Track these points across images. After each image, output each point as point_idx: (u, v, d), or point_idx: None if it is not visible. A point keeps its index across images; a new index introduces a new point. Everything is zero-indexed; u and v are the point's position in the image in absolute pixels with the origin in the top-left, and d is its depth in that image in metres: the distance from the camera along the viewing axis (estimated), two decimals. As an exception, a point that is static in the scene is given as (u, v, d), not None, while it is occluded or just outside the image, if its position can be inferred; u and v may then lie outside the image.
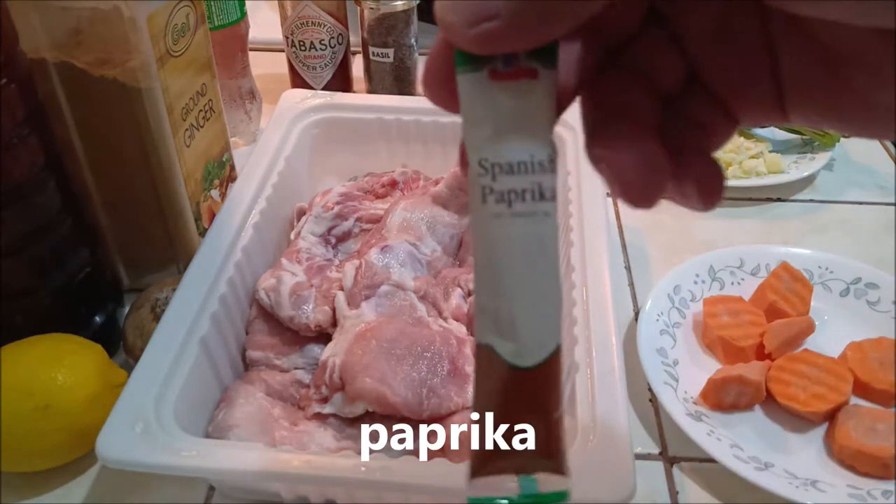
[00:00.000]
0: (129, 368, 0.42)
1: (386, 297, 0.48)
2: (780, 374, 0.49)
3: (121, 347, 0.50)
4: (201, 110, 0.55)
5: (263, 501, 0.44)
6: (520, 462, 0.20)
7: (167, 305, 0.44)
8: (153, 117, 0.49)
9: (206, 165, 0.57)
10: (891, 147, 0.78)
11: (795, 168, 0.70)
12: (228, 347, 0.47)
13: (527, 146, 0.19)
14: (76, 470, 0.46)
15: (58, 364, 0.43)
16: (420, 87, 0.78)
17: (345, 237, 0.56)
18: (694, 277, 0.57)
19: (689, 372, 0.51)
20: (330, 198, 0.56)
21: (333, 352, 0.45)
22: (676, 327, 0.54)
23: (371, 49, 0.73)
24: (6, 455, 0.42)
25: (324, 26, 0.72)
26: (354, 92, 0.78)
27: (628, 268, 0.62)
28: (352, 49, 0.76)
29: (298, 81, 0.75)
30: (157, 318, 0.47)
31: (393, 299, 0.48)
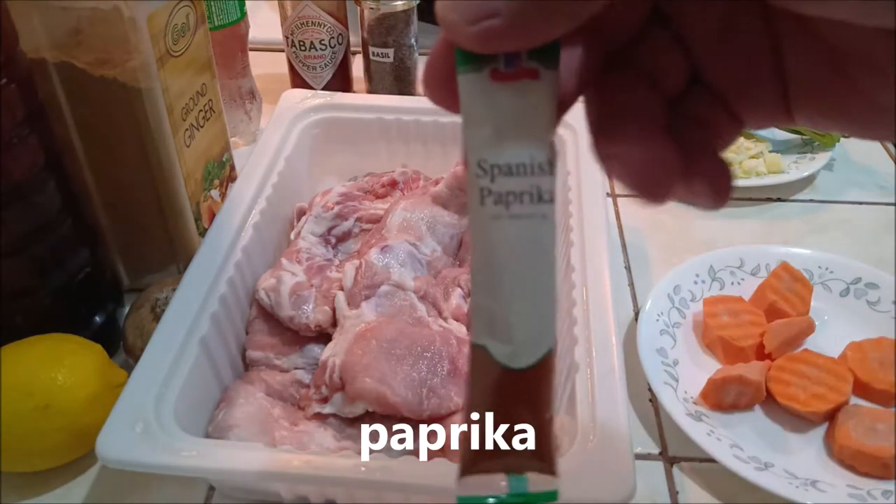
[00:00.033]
0: (129, 368, 0.42)
1: (386, 297, 0.48)
2: (780, 374, 0.49)
3: (121, 347, 0.50)
4: (201, 110, 0.55)
5: (263, 501, 0.44)
6: (510, 461, 0.20)
7: (167, 305, 0.44)
8: (153, 117, 0.49)
9: (206, 165, 0.57)
10: (891, 147, 0.78)
11: (795, 168, 0.70)
12: (228, 347, 0.47)
13: (526, 148, 0.19)
14: (76, 470, 0.46)
15: (58, 364, 0.43)
16: (420, 87, 0.78)
17: (345, 237, 0.56)
18: (694, 277, 0.57)
19: (689, 372, 0.51)
20: (330, 198, 0.56)
21: (333, 352, 0.45)
22: (676, 327, 0.54)
23: (371, 49, 0.73)
24: (6, 455, 0.42)
25: (324, 26, 0.72)
26: (354, 92, 0.78)
27: (628, 268, 0.62)
28: (352, 49, 0.76)
29: (298, 81, 0.75)
30: (157, 318, 0.47)
31: (393, 299, 0.48)
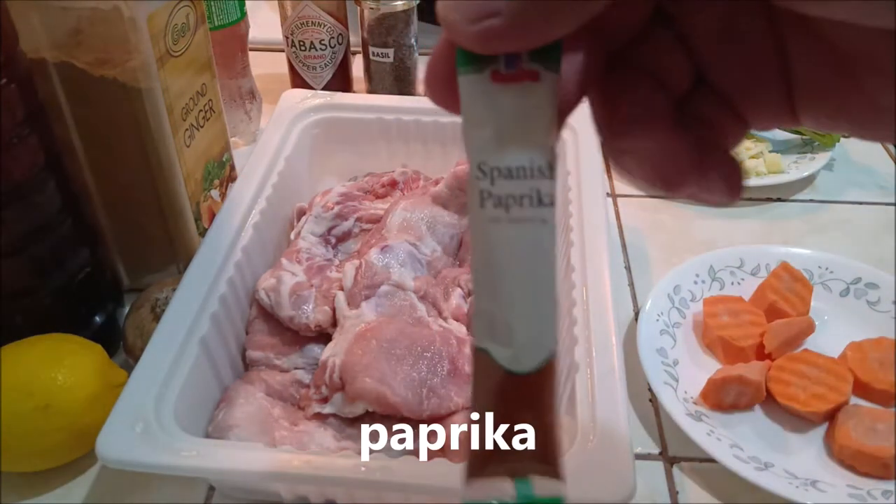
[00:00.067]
0: (129, 368, 0.42)
1: (386, 297, 0.48)
2: (780, 374, 0.49)
3: (121, 347, 0.50)
4: (201, 110, 0.55)
5: (263, 501, 0.44)
6: (516, 466, 0.19)
7: (167, 305, 0.44)
8: (153, 117, 0.49)
9: (206, 165, 0.57)
10: (891, 147, 0.78)
11: (795, 168, 0.70)
12: (228, 347, 0.47)
13: (527, 151, 0.19)
14: (76, 470, 0.46)
15: (58, 364, 0.43)
16: (420, 87, 0.78)
17: (345, 237, 0.56)
18: (694, 277, 0.57)
19: (689, 372, 0.51)
20: (330, 198, 0.56)
21: (333, 352, 0.45)
22: (676, 327, 0.54)
23: (371, 49, 0.73)
24: (6, 455, 0.42)
25: (324, 26, 0.72)
26: (354, 92, 0.78)
27: (628, 268, 0.62)
28: (352, 49, 0.76)
29: (298, 81, 0.75)
30: (157, 318, 0.47)
31: (393, 299, 0.48)
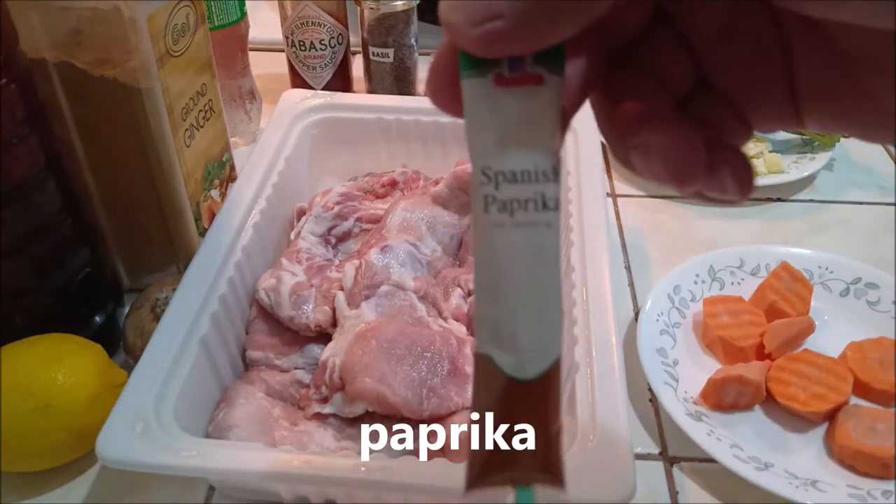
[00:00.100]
0: (129, 368, 0.42)
1: (386, 297, 0.48)
2: (780, 374, 0.49)
3: (121, 347, 0.50)
4: (201, 110, 0.55)
5: (263, 501, 0.44)
6: (517, 474, 0.19)
7: (167, 305, 0.44)
8: (153, 117, 0.49)
9: (206, 165, 0.57)
10: (891, 147, 0.78)
11: (795, 168, 0.70)
12: (228, 347, 0.47)
13: (531, 155, 0.19)
14: (76, 470, 0.46)
15: (58, 364, 0.43)
16: (420, 87, 0.78)
17: (345, 237, 0.56)
18: (694, 277, 0.57)
19: (689, 372, 0.51)
20: (330, 198, 0.56)
21: (333, 352, 0.45)
22: (676, 327, 0.54)
23: (371, 49, 0.73)
24: (6, 455, 0.42)
25: (324, 26, 0.72)
26: (354, 92, 0.78)
27: (628, 268, 0.62)
28: (352, 49, 0.76)
29: (298, 81, 0.75)
30: (157, 318, 0.47)
31: (393, 299, 0.48)
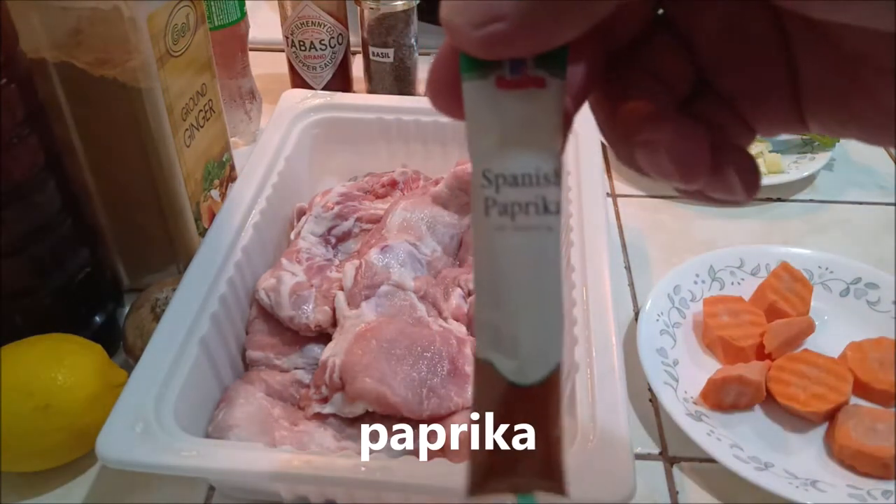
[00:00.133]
0: (129, 368, 0.42)
1: (386, 297, 0.48)
2: (780, 374, 0.49)
3: (121, 347, 0.50)
4: (201, 110, 0.55)
5: (263, 501, 0.44)
6: (519, 480, 0.19)
7: (167, 305, 0.44)
8: (153, 117, 0.49)
9: (206, 165, 0.57)
10: (891, 148, 0.78)
11: (795, 168, 0.70)
12: (228, 347, 0.47)
13: (532, 158, 0.18)
14: (76, 470, 0.46)
15: (58, 364, 0.43)
16: (420, 87, 0.78)
17: (345, 237, 0.56)
18: (694, 277, 0.57)
19: (689, 372, 0.51)
20: (330, 198, 0.56)
21: (333, 352, 0.45)
22: (676, 327, 0.54)
23: (371, 49, 0.73)
24: (6, 455, 0.42)
25: (324, 26, 0.72)
26: (354, 92, 0.78)
27: (628, 268, 0.62)
28: (352, 49, 0.76)
29: (298, 81, 0.75)
30: (157, 318, 0.47)
31: (393, 299, 0.48)
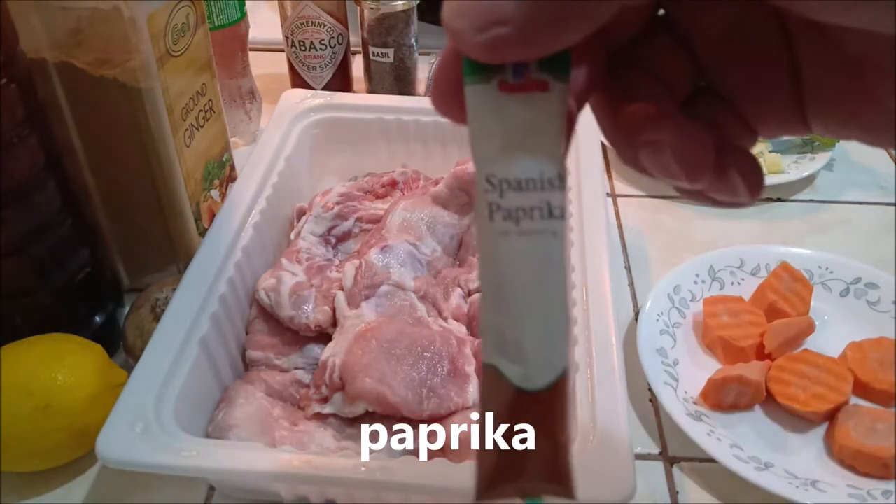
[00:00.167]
0: (129, 368, 0.42)
1: (386, 297, 0.48)
2: (780, 374, 0.49)
3: (121, 347, 0.50)
4: (201, 110, 0.55)
5: (263, 501, 0.44)
6: (526, 485, 0.19)
7: (167, 305, 0.44)
8: (153, 117, 0.49)
9: (206, 165, 0.57)
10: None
11: (795, 168, 0.70)
12: (228, 347, 0.47)
13: (536, 162, 0.18)
14: (76, 470, 0.46)
15: (58, 364, 0.43)
16: (420, 87, 0.78)
17: (345, 237, 0.56)
18: (694, 277, 0.57)
19: (689, 372, 0.51)
20: (330, 198, 0.56)
21: (333, 352, 0.45)
22: (676, 327, 0.54)
23: (371, 49, 0.73)
24: (6, 455, 0.42)
25: (324, 26, 0.72)
26: (354, 92, 0.78)
27: (628, 268, 0.62)
28: (352, 49, 0.76)
29: (298, 81, 0.75)
30: (157, 318, 0.47)
31: (393, 299, 0.48)
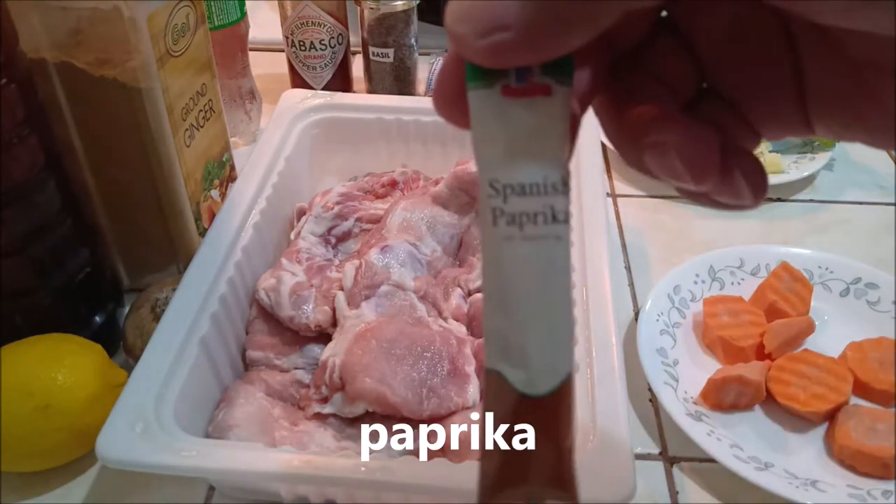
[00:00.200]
0: (129, 368, 0.42)
1: (386, 297, 0.48)
2: (780, 374, 0.49)
3: (121, 347, 0.50)
4: (201, 110, 0.55)
5: (263, 501, 0.44)
6: (531, 490, 0.19)
7: (167, 305, 0.44)
8: (153, 117, 0.49)
9: (206, 165, 0.57)
10: (891, 147, 0.78)
11: (795, 168, 0.70)
12: (228, 347, 0.47)
13: (539, 167, 0.18)
14: (76, 470, 0.46)
15: (58, 364, 0.43)
16: (420, 87, 0.78)
17: (345, 237, 0.56)
18: (694, 277, 0.57)
19: (689, 372, 0.51)
20: (330, 198, 0.56)
21: (333, 352, 0.45)
22: (676, 327, 0.54)
23: (371, 49, 0.73)
24: (6, 455, 0.42)
25: (324, 26, 0.72)
26: (354, 92, 0.78)
27: (628, 268, 0.62)
28: (352, 49, 0.76)
29: (298, 81, 0.75)
30: (157, 318, 0.47)
31: (393, 299, 0.48)
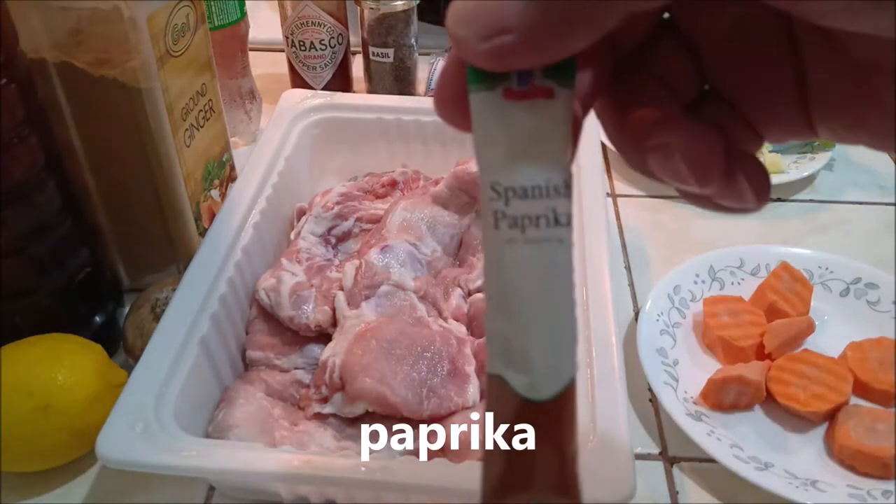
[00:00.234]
0: (129, 368, 0.42)
1: (386, 297, 0.48)
2: (780, 374, 0.49)
3: (121, 347, 0.50)
4: (201, 110, 0.55)
5: (263, 501, 0.44)
6: (534, 496, 0.19)
7: (167, 305, 0.44)
8: (153, 117, 0.49)
9: (206, 165, 0.57)
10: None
11: (795, 168, 0.70)
12: (228, 347, 0.47)
13: (541, 170, 0.18)
14: (76, 470, 0.46)
15: (58, 364, 0.43)
16: (420, 87, 0.78)
17: (345, 237, 0.56)
18: (694, 277, 0.57)
19: (689, 372, 0.51)
20: (330, 198, 0.56)
21: (333, 352, 0.45)
22: (676, 327, 0.54)
23: (371, 49, 0.73)
24: (6, 455, 0.42)
25: (324, 26, 0.72)
26: (354, 92, 0.78)
27: (628, 268, 0.62)
28: (352, 49, 0.76)
29: (298, 81, 0.75)
30: (157, 318, 0.47)
31: (393, 299, 0.48)
